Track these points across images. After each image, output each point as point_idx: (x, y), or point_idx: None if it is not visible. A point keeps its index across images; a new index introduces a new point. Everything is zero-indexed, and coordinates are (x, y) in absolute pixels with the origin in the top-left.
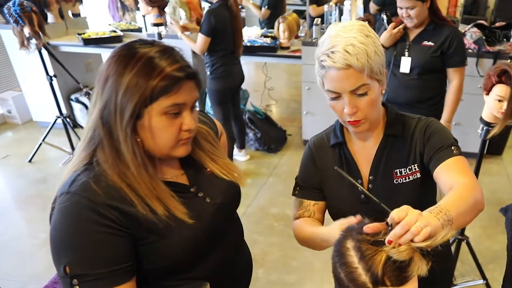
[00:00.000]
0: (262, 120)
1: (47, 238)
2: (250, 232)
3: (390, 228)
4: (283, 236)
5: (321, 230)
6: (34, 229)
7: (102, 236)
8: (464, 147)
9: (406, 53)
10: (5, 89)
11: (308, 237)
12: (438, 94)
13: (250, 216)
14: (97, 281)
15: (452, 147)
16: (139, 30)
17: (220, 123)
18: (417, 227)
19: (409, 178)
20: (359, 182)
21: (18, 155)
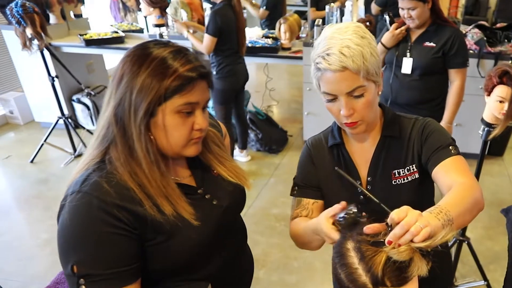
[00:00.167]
0: (263, 121)
1: (49, 238)
2: (251, 232)
3: (390, 229)
4: (284, 236)
5: (310, 222)
6: (36, 229)
7: (111, 237)
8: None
9: (408, 54)
10: (7, 90)
11: (299, 234)
12: (440, 95)
13: (251, 217)
14: (104, 281)
15: (450, 147)
16: (140, 31)
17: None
18: (417, 227)
19: (407, 178)
20: (358, 183)
21: (20, 156)
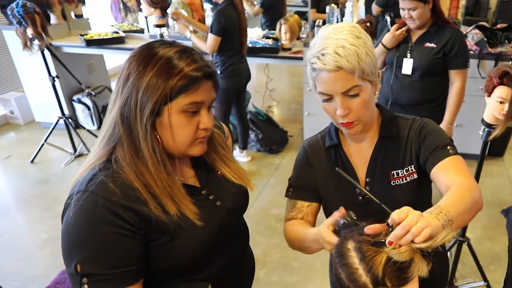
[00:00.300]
0: (264, 121)
1: (49, 238)
2: (251, 232)
3: (390, 229)
4: (284, 237)
5: (309, 231)
6: (36, 229)
7: (116, 237)
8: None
9: (408, 55)
10: (7, 90)
11: (297, 238)
12: (440, 96)
13: (252, 217)
14: (106, 281)
15: (448, 147)
16: (141, 31)
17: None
18: (418, 228)
19: (406, 179)
20: (358, 184)
21: (20, 156)
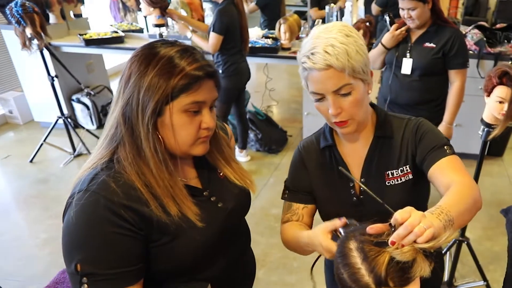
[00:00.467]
0: (263, 121)
1: (48, 238)
2: (251, 232)
3: (393, 229)
4: None
5: (305, 234)
6: (35, 229)
7: (117, 237)
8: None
9: (408, 55)
10: (6, 90)
11: (293, 240)
12: (440, 96)
13: (251, 217)
14: (106, 281)
15: (445, 147)
16: (140, 31)
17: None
18: (420, 228)
19: (401, 179)
20: (351, 185)
21: (19, 156)
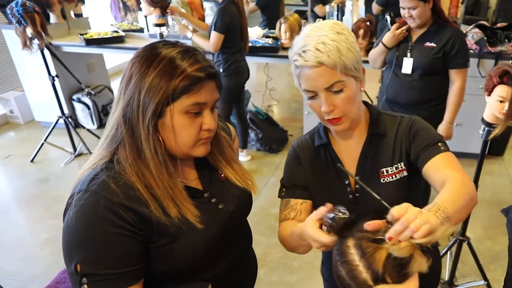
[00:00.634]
0: (264, 121)
1: (49, 238)
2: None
3: (390, 226)
4: None
5: (297, 227)
6: (36, 229)
7: (117, 237)
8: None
9: (408, 54)
10: (7, 89)
11: (289, 238)
12: (440, 95)
13: (252, 217)
14: (106, 281)
15: (439, 144)
16: (141, 30)
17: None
18: (417, 224)
19: (395, 176)
20: (347, 183)
21: (20, 155)
